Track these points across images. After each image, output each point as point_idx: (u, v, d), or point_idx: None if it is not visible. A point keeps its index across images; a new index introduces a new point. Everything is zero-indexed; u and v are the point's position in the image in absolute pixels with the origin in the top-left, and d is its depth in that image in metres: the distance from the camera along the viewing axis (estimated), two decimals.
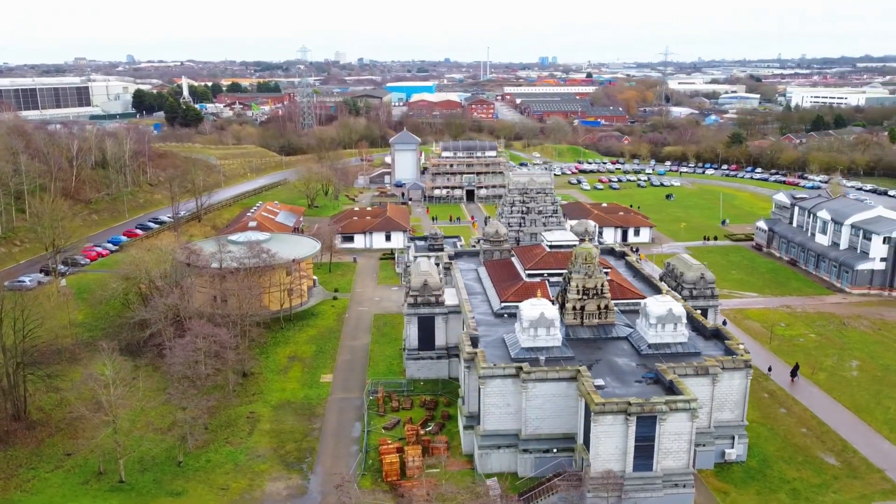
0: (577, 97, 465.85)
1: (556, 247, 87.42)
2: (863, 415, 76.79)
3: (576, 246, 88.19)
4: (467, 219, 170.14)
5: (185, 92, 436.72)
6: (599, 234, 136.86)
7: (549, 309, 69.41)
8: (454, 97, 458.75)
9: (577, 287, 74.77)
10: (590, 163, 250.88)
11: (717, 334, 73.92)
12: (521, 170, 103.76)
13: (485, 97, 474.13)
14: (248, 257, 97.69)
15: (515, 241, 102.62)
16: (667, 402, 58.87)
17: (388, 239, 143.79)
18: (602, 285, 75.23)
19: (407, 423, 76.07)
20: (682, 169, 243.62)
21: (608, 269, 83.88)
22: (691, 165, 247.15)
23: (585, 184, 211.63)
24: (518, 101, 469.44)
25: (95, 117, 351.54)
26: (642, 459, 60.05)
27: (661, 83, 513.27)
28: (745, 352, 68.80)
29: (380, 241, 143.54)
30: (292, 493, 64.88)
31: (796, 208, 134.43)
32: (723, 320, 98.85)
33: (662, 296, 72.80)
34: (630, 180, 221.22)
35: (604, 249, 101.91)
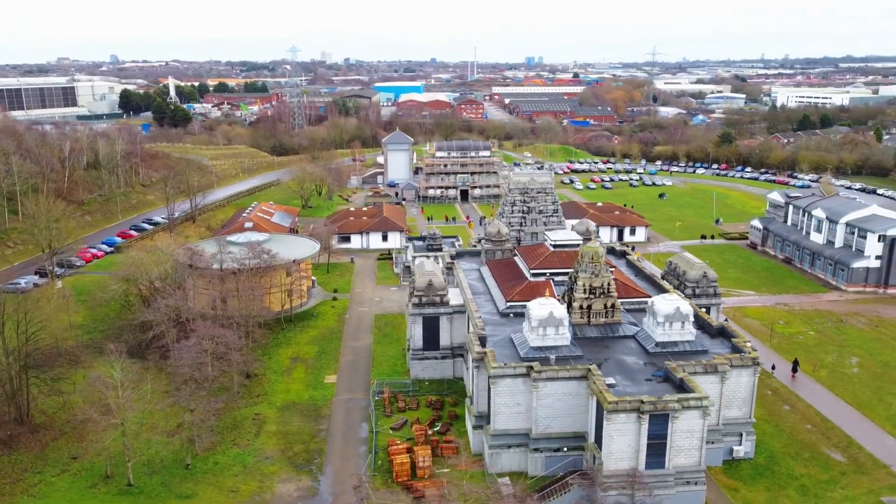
0: (566, 97, 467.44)
1: (560, 246, 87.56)
2: (866, 411, 77.58)
3: (579, 245, 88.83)
4: (462, 219, 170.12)
5: (172, 92, 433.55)
6: (596, 234, 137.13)
7: (558, 308, 69.54)
8: (443, 97, 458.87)
9: (583, 286, 74.98)
10: (581, 162, 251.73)
11: (722, 332, 74.46)
12: (520, 170, 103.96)
13: (473, 97, 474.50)
14: (249, 258, 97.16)
15: (516, 240, 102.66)
16: (679, 400, 59.17)
17: (384, 239, 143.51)
18: (608, 284, 75.51)
19: (414, 423, 75.97)
20: (673, 168, 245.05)
21: (612, 269, 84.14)
22: (682, 165, 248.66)
23: (578, 183, 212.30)
24: (507, 101, 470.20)
25: (82, 118, 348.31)
26: (654, 457, 60.31)
27: (648, 83, 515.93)
28: (752, 349, 69.31)
29: (376, 241, 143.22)
30: (303, 495, 64.56)
31: (791, 207, 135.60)
32: (723, 319, 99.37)
33: (670, 294, 73.15)
34: (622, 180, 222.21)
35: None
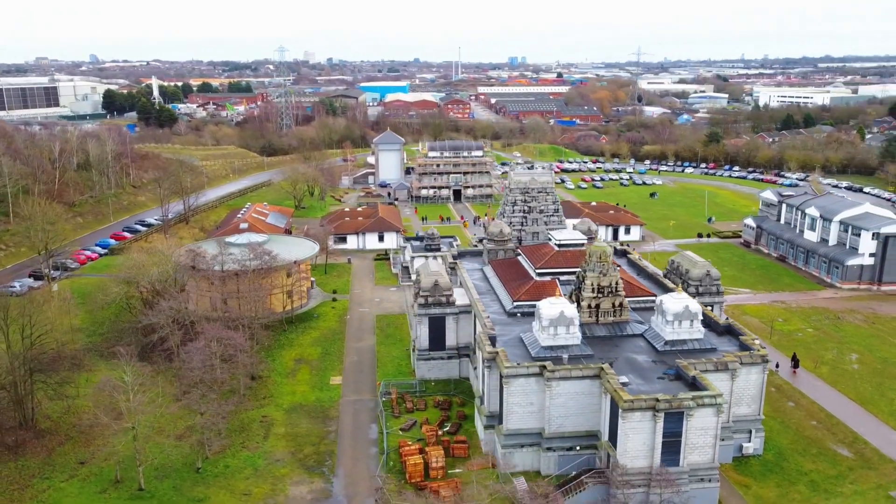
0: (551, 97, 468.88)
1: (565, 246, 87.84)
2: (869, 407, 78.63)
3: (584, 245, 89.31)
4: (457, 219, 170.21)
5: (156, 92, 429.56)
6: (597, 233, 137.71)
7: (569, 307, 69.79)
8: (429, 97, 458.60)
9: (591, 285, 75.31)
10: (570, 162, 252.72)
11: (729, 330, 75.15)
12: (520, 169, 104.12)
13: (459, 97, 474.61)
14: (250, 259, 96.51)
15: (517, 240, 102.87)
16: (694, 398, 59.62)
17: (381, 239, 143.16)
18: (616, 283, 75.92)
19: (423, 423, 75.89)
20: (662, 168, 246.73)
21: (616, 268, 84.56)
22: (670, 164, 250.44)
23: (569, 183, 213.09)
24: (493, 100, 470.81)
25: (64, 118, 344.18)
26: (669, 455, 60.71)
27: (633, 83, 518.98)
28: (760, 347, 69.98)
29: (373, 241, 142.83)
30: (317, 498, 64.26)
31: (784, 205, 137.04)
32: (724, 318, 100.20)
33: (677, 293, 73.63)
34: (612, 179, 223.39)
35: None
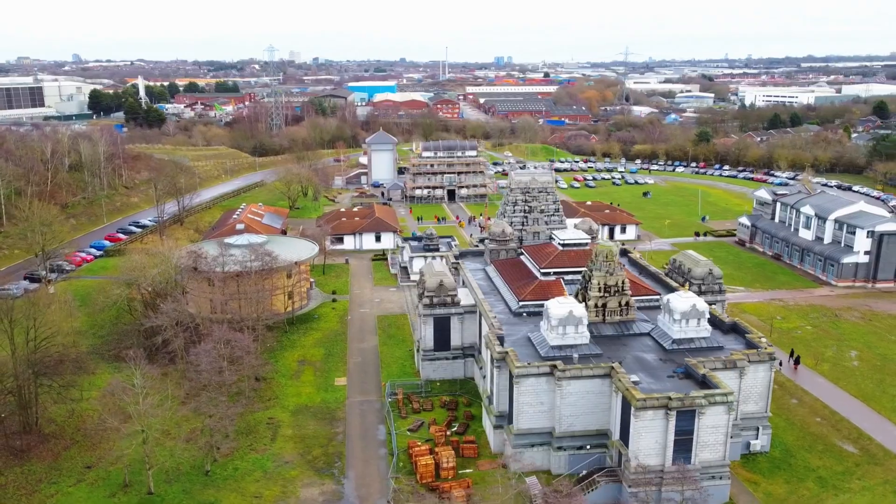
0: (539, 97, 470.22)
1: (569, 245, 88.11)
2: (871, 403, 79.45)
3: (587, 244, 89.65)
4: (452, 219, 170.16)
5: (142, 92, 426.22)
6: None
7: (578, 307, 69.97)
8: (419, 97, 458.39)
9: (598, 284, 75.55)
10: (562, 161, 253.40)
11: (735, 328, 75.58)
12: (522, 169, 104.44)
13: (448, 97, 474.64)
14: (251, 260, 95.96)
15: (519, 239, 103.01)
16: (706, 396, 59.97)
17: (377, 240, 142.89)
18: (623, 282, 76.22)
19: (431, 424, 75.81)
20: (653, 167, 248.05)
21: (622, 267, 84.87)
22: (661, 163, 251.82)
23: (562, 182, 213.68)
24: (482, 100, 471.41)
25: (50, 118, 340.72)
26: (681, 453, 61.04)
27: (620, 83, 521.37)
28: (767, 345, 70.52)
29: (370, 241, 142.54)
30: (328, 500, 64.02)
31: (778, 204, 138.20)
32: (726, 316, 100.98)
33: (684, 292, 74.04)
34: (604, 178, 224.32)
35: None
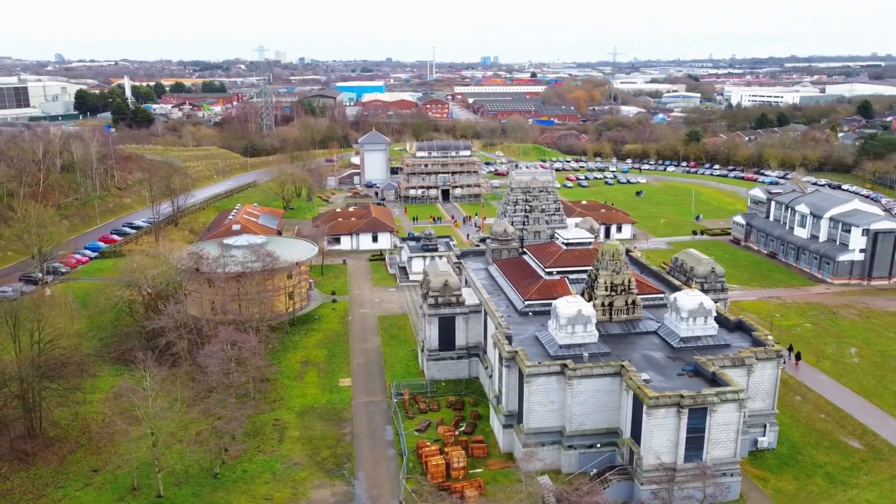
0: (528, 97, 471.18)
1: (572, 244, 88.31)
2: (874, 399, 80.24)
3: (590, 243, 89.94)
4: (447, 219, 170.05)
5: (128, 92, 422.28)
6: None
7: (586, 306, 70.13)
8: (407, 97, 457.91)
9: (605, 283, 75.77)
10: (553, 161, 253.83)
11: (740, 326, 76.10)
12: (523, 168, 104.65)
13: (436, 97, 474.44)
14: (252, 261, 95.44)
15: (520, 239, 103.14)
16: (718, 394, 60.32)
17: (374, 240, 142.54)
18: (629, 281, 76.50)
19: (439, 424, 75.67)
20: (644, 166, 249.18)
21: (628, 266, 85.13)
22: (652, 163, 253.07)
23: (555, 182, 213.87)
24: (471, 100, 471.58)
25: (35, 119, 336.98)
26: (692, 450, 61.36)
27: (608, 83, 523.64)
28: (774, 342, 71.02)
29: (367, 242, 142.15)
30: (340, 501, 63.73)
31: (773, 203, 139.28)
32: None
33: (691, 290, 74.42)
34: (597, 178, 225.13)
35: None
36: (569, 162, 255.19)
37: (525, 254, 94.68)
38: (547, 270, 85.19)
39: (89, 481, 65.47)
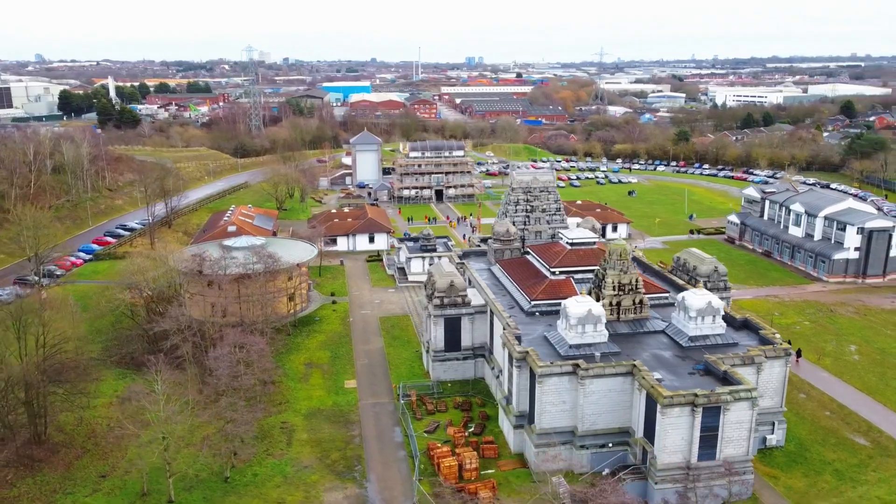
0: (515, 97, 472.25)
1: (577, 244, 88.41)
2: (876, 396, 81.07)
3: (595, 243, 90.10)
4: (442, 219, 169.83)
5: (112, 93, 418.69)
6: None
7: (596, 306, 70.22)
8: (395, 97, 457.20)
9: (612, 283, 75.92)
10: (544, 161, 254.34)
11: (746, 324, 76.59)
12: (524, 168, 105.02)
13: (424, 97, 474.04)
14: (254, 263, 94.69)
15: (521, 239, 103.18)
16: (731, 393, 60.63)
17: (371, 241, 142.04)
18: (636, 280, 76.73)
19: (448, 425, 75.48)
20: (634, 166, 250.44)
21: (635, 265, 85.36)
22: (642, 162, 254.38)
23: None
24: (458, 100, 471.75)
25: (18, 119, 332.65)
26: (706, 449, 61.62)
27: (594, 83, 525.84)
28: (782, 341, 71.52)
29: (363, 242, 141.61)
30: None
31: (767, 202, 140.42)
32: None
33: (699, 289, 74.78)
34: (588, 178, 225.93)
35: None
36: (559, 162, 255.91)
37: (528, 254, 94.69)
38: (552, 270, 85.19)
39: (98, 487, 64.60)
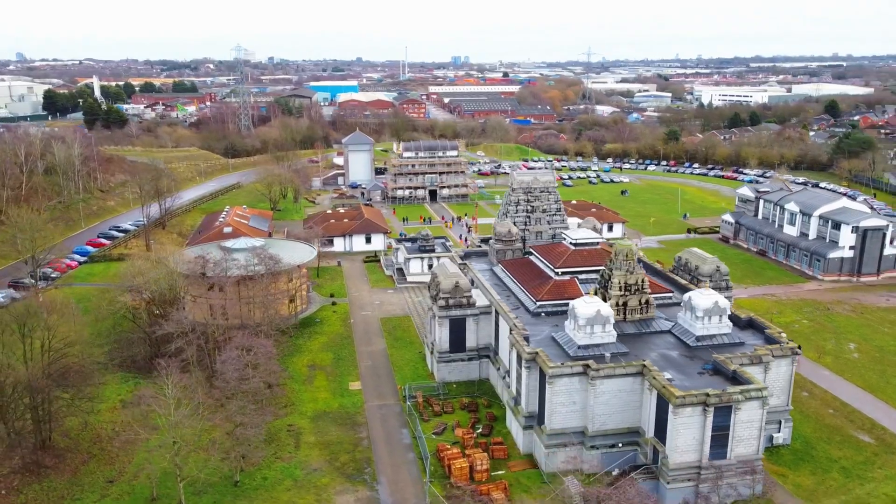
0: (503, 96, 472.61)
1: (580, 245, 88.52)
2: (878, 394, 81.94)
3: (598, 243, 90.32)
4: (437, 219, 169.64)
5: (97, 92, 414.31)
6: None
7: (604, 306, 70.39)
8: (383, 97, 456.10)
9: (619, 283, 76.20)
10: (535, 161, 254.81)
11: (751, 324, 77.15)
12: (524, 169, 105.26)
13: (412, 96, 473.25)
14: (255, 264, 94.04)
15: (521, 239, 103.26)
16: (742, 392, 61.02)
17: (368, 241, 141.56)
18: (642, 281, 77.07)
19: (455, 426, 75.39)
20: (625, 166, 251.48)
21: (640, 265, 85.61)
22: (633, 162, 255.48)
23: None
24: (446, 100, 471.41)
25: (3, 119, 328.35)
26: (717, 448, 62.01)
27: (582, 82, 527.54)
28: (788, 340, 72.08)
29: (360, 243, 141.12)
30: None
31: (761, 201, 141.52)
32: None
33: (705, 289, 75.18)
34: (580, 177, 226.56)
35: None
36: (550, 161, 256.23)
37: (530, 254, 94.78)
38: (556, 271, 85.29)
39: (106, 492, 63.92)
